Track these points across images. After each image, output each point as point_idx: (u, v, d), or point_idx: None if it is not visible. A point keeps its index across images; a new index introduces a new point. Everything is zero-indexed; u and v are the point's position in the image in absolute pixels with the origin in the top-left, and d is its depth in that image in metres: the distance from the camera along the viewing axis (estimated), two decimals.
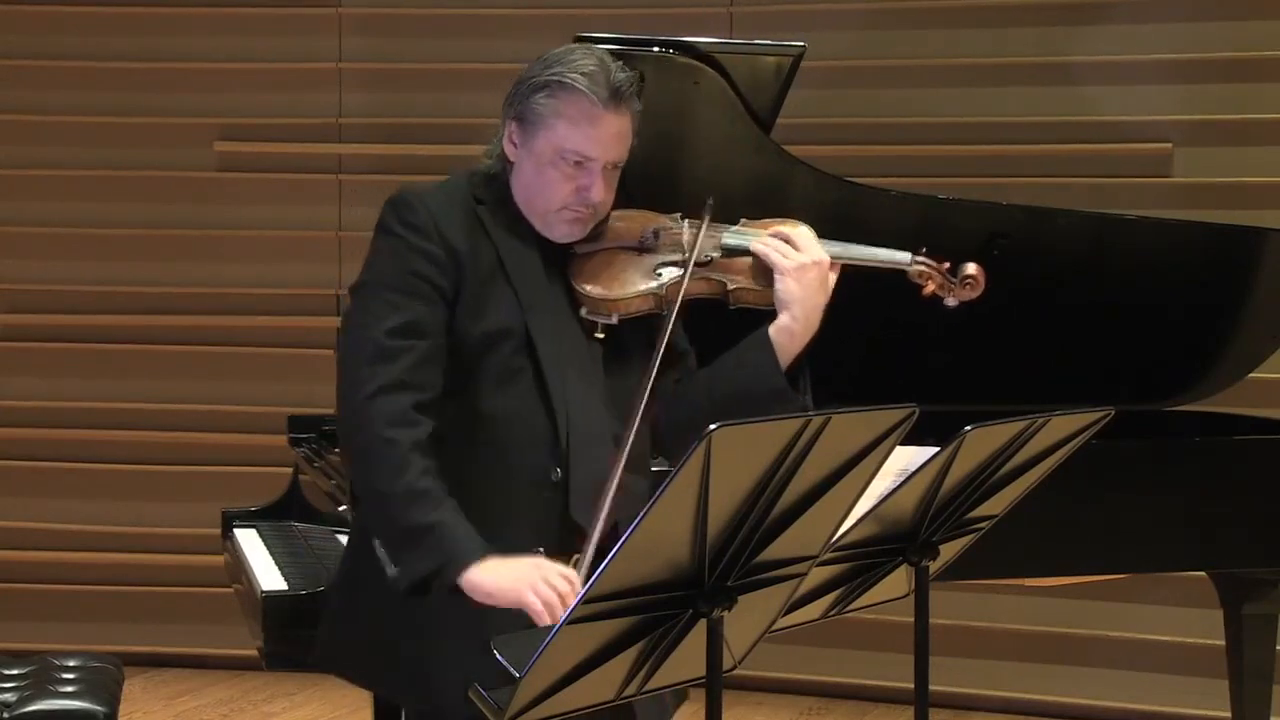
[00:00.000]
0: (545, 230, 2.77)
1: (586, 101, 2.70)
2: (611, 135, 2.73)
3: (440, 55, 6.04)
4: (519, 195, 2.78)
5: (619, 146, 2.75)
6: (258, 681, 5.84)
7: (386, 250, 2.73)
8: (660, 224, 2.84)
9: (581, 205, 2.74)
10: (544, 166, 2.73)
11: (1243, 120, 5.53)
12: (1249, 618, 3.90)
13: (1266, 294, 4.14)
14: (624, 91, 2.73)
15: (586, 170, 2.72)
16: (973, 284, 2.95)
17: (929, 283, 2.93)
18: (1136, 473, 3.75)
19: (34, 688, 3.75)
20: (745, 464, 2.07)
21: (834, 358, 2.89)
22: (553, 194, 2.74)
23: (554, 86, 2.72)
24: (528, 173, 2.76)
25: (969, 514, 2.69)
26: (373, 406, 2.62)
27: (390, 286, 2.69)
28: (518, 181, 2.78)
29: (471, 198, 2.78)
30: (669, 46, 3.31)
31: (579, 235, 2.78)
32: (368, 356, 2.65)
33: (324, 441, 3.97)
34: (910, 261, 2.93)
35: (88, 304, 6.18)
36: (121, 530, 6.13)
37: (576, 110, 2.71)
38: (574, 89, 2.71)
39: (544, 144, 2.73)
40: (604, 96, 2.71)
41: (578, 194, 2.73)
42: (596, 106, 2.71)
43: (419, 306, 2.68)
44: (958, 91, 5.78)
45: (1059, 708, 5.60)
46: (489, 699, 2.15)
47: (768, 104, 3.57)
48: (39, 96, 6.20)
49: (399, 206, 2.75)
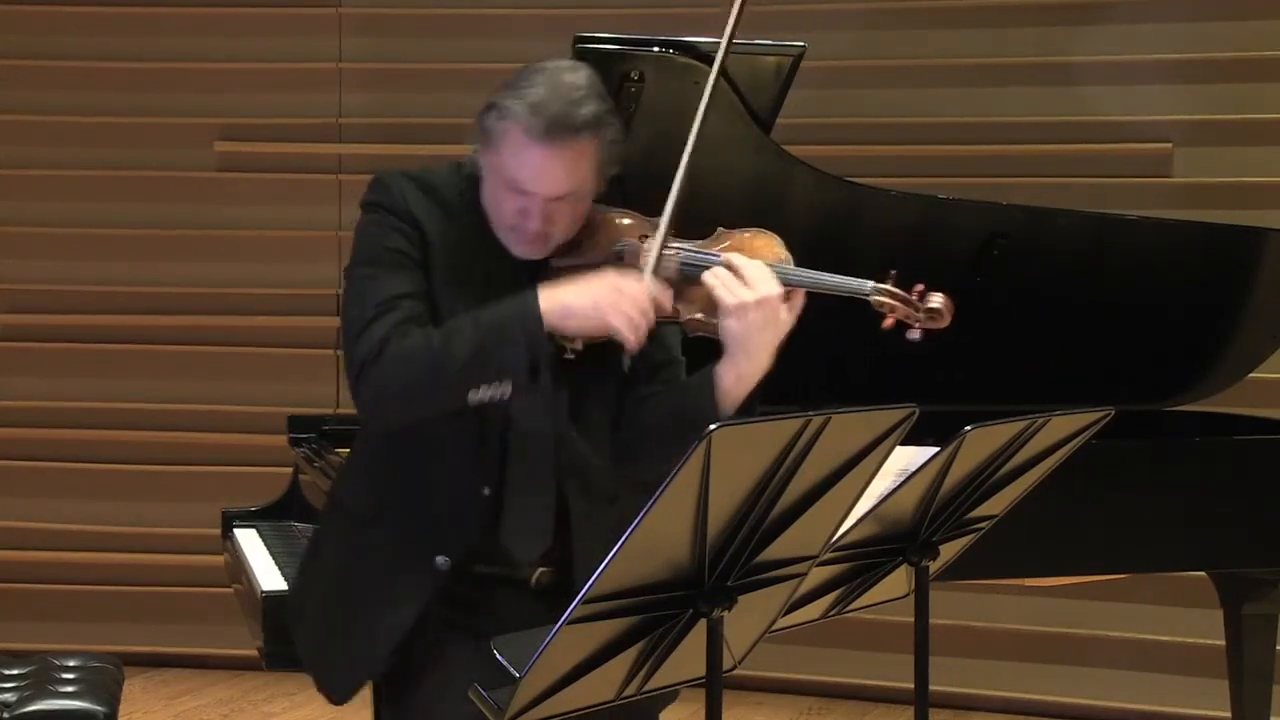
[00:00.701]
0: (506, 244, 2.71)
1: (520, 132, 2.60)
2: (545, 171, 2.61)
3: (440, 55, 6.04)
4: (484, 203, 2.73)
5: (559, 182, 2.62)
6: (258, 681, 5.84)
7: (363, 230, 2.74)
8: (628, 240, 2.74)
9: (527, 229, 2.67)
10: (496, 185, 2.68)
11: (1243, 120, 5.53)
12: (1249, 618, 3.90)
13: (1266, 294, 4.14)
14: (569, 125, 2.59)
15: (529, 198, 2.64)
16: (938, 316, 2.72)
17: (890, 314, 2.71)
18: (1136, 473, 3.75)
19: (34, 688, 3.74)
20: (745, 464, 2.07)
21: (834, 358, 2.88)
22: (501, 212, 2.68)
23: (500, 110, 2.63)
24: (487, 185, 2.71)
25: (969, 514, 2.69)
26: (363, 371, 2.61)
27: (369, 262, 2.69)
28: (483, 190, 2.73)
29: (457, 188, 2.75)
30: (669, 46, 3.31)
31: (537, 255, 2.71)
32: (356, 333, 2.64)
33: (324, 441, 3.97)
34: (871, 291, 2.70)
35: (88, 304, 6.18)
36: (121, 530, 6.13)
37: (513, 141, 2.62)
38: (513, 118, 2.61)
39: (492, 164, 2.67)
40: (538, 131, 2.59)
41: (522, 218, 2.66)
42: (530, 142, 2.60)
43: (398, 278, 2.67)
44: (958, 91, 5.78)
45: (1059, 708, 5.59)
46: (489, 699, 2.15)
47: (768, 104, 3.57)
48: (39, 96, 6.20)
49: (374, 186, 2.75)
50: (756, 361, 2.63)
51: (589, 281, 2.60)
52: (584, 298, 2.58)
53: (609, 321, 2.56)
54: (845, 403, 2.26)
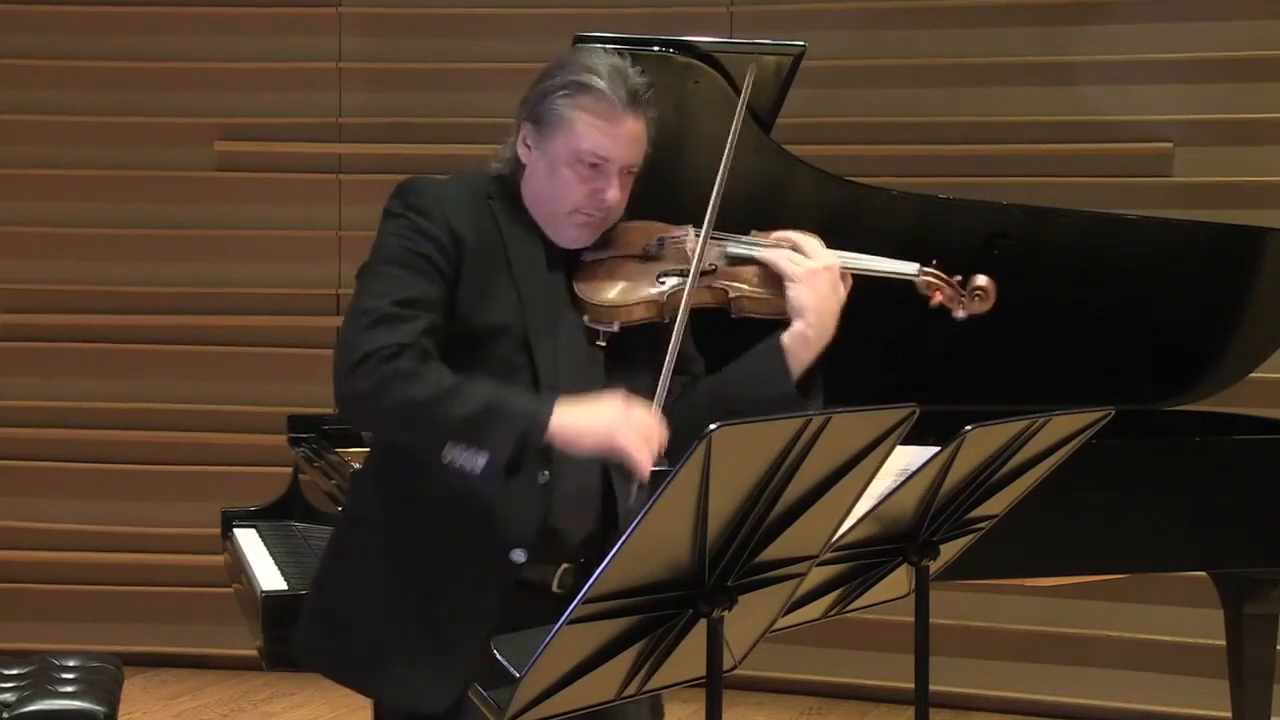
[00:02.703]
0: (554, 234, 2.76)
1: (605, 103, 2.70)
2: (629, 137, 2.72)
3: (440, 55, 6.04)
4: (530, 198, 2.77)
5: (635, 150, 2.74)
6: (258, 681, 5.84)
7: (390, 232, 2.72)
8: (667, 234, 2.83)
9: (594, 209, 2.73)
10: (559, 168, 2.72)
11: (1243, 120, 5.54)
12: (1249, 618, 3.90)
13: (1266, 294, 4.14)
14: (641, 95, 2.73)
15: (602, 173, 2.71)
16: (983, 295, 2.91)
17: (937, 294, 2.90)
18: (1137, 473, 3.75)
19: (34, 688, 3.75)
20: (745, 464, 2.07)
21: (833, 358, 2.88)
22: (566, 196, 2.73)
23: (573, 87, 2.71)
24: (541, 174, 2.75)
25: (969, 514, 2.69)
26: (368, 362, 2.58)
27: (393, 263, 2.68)
28: (530, 184, 2.77)
29: (484, 193, 2.78)
30: (669, 46, 3.31)
31: (588, 241, 2.78)
32: (369, 323, 2.62)
33: (324, 441, 3.97)
34: (918, 272, 2.90)
35: (88, 304, 6.18)
36: (121, 530, 6.14)
37: (595, 111, 2.70)
38: (593, 90, 2.70)
39: (560, 145, 2.71)
40: (623, 98, 2.70)
41: (592, 196, 2.72)
42: (615, 108, 2.70)
43: (422, 283, 2.66)
44: (958, 91, 5.79)
45: (1059, 708, 5.60)
46: (489, 699, 2.15)
47: (768, 104, 3.57)
48: (39, 96, 6.20)
49: (406, 191, 2.74)
50: (824, 327, 2.74)
51: (604, 405, 2.60)
52: (598, 419, 2.58)
53: (617, 442, 2.56)
54: (846, 403, 2.26)
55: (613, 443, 2.56)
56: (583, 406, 2.60)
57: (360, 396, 2.62)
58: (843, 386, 3.07)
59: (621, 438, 2.55)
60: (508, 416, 2.58)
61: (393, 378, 2.58)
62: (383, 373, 2.58)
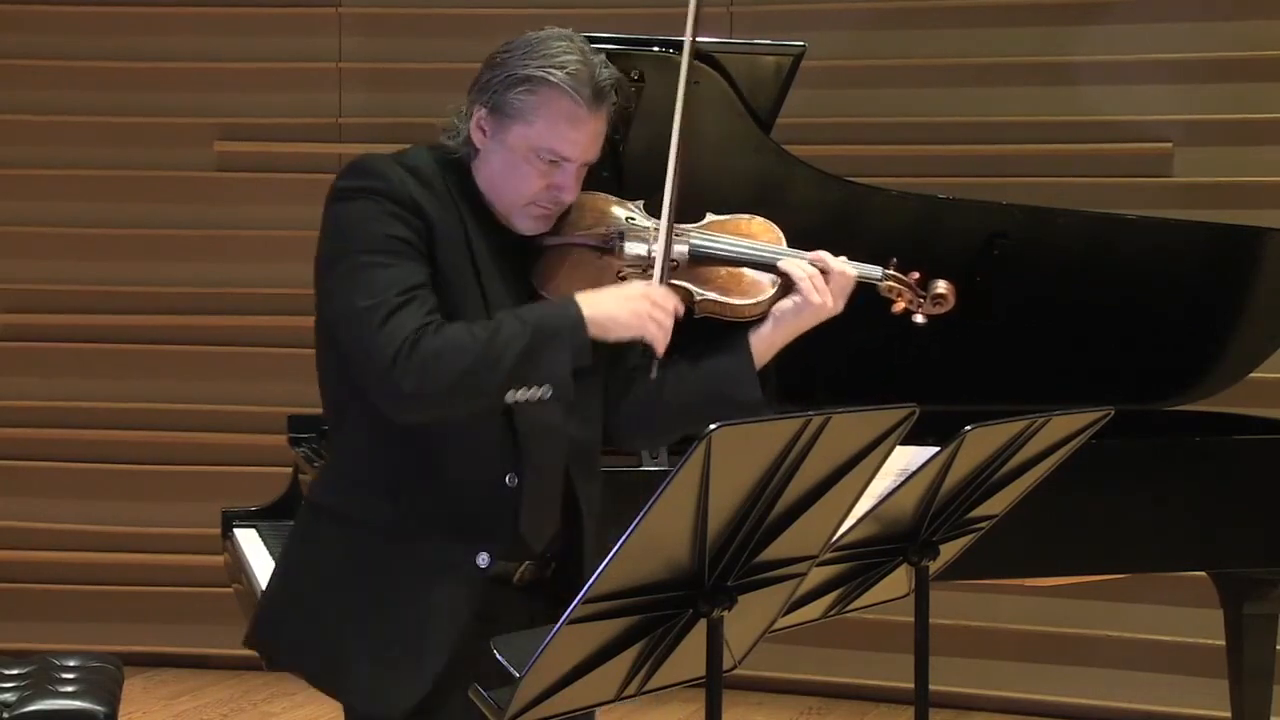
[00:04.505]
0: (509, 222, 2.69)
1: (569, 101, 2.62)
2: (590, 137, 2.65)
3: (440, 55, 6.04)
4: (484, 183, 2.70)
5: (595, 147, 2.67)
6: (258, 681, 5.84)
7: (357, 216, 2.62)
8: (623, 225, 2.75)
9: (550, 202, 2.67)
10: (516, 161, 2.65)
11: (1243, 120, 5.54)
12: (1249, 618, 3.90)
13: (1266, 294, 4.14)
14: (605, 91, 2.65)
15: (561, 169, 2.65)
16: (942, 301, 2.87)
17: (899, 299, 2.86)
18: (1137, 473, 3.75)
19: (34, 688, 3.75)
20: (745, 464, 2.07)
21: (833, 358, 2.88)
22: (522, 188, 2.66)
23: (535, 82, 2.63)
24: (496, 164, 2.68)
25: (969, 514, 2.69)
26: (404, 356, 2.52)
27: (374, 249, 2.58)
28: (484, 169, 2.70)
29: (439, 173, 2.70)
30: (669, 46, 3.31)
31: (544, 229, 2.71)
32: (382, 319, 2.54)
33: (324, 441, 3.97)
34: (881, 276, 2.85)
35: (88, 304, 6.18)
36: (121, 530, 6.14)
37: (557, 110, 2.62)
38: (557, 88, 2.62)
39: (518, 139, 2.65)
40: (587, 97, 2.63)
41: (548, 191, 2.66)
42: (580, 108, 2.63)
43: (411, 268, 2.58)
44: (958, 91, 5.79)
45: (1059, 708, 5.60)
46: (489, 699, 2.15)
47: (768, 104, 3.56)
48: (39, 96, 6.20)
49: (364, 174, 2.65)
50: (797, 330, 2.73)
51: (623, 291, 2.61)
52: (624, 308, 2.59)
53: (647, 330, 2.59)
54: (846, 402, 2.26)
55: (642, 328, 2.59)
56: (605, 296, 2.60)
57: (410, 397, 2.54)
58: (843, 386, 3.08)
59: (648, 324, 2.58)
60: (553, 342, 2.55)
61: (429, 362, 2.52)
62: (415, 363, 2.51)
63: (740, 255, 2.77)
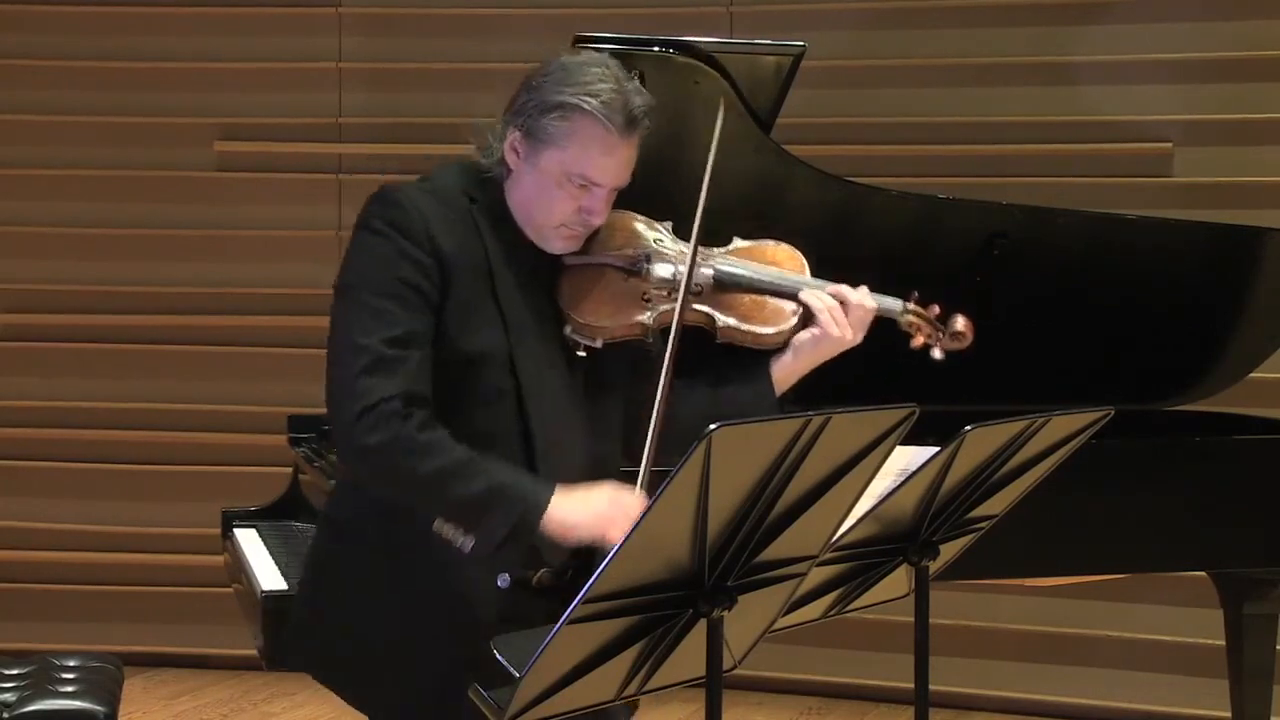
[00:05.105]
0: (540, 242, 2.74)
1: (601, 129, 2.66)
2: (622, 163, 2.70)
3: (440, 55, 6.04)
4: (515, 204, 2.75)
5: (626, 172, 2.72)
6: (258, 681, 5.84)
7: (373, 251, 2.67)
8: (651, 246, 2.80)
9: (579, 224, 2.72)
10: (548, 185, 2.69)
11: (1243, 120, 5.53)
12: (1249, 618, 3.90)
13: (1266, 294, 4.14)
14: (638, 118, 2.69)
15: (591, 194, 2.69)
16: (960, 338, 2.97)
17: (918, 334, 2.94)
18: (1137, 473, 3.75)
19: (34, 688, 3.75)
20: (745, 464, 2.07)
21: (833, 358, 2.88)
22: (553, 210, 2.71)
23: (569, 109, 2.66)
24: (528, 185, 2.72)
25: (969, 514, 2.69)
26: (376, 414, 2.57)
27: (380, 292, 2.63)
28: (516, 191, 2.74)
29: (464, 195, 2.74)
30: (669, 46, 3.31)
31: (572, 249, 2.76)
32: (365, 366, 2.59)
33: (324, 441, 3.97)
34: (901, 310, 2.94)
35: (88, 304, 6.18)
36: (121, 530, 6.14)
37: (589, 137, 2.66)
38: (590, 115, 2.65)
39: (551, 163, 2.69)
40: (620, 125, 2.67)
41: (579, 214, 2.71)
42: (612, 135, 2.66)
43: (410, 316, 2.62)
44: (957, 91, 5.78)
45: (1059, 708, 5.60)
46: (489, 699, 2.15)
47: (768, 104, 3.56)
48: (38, 96, 6.20)
49: (388, 205, 2.69)
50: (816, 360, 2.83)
51: (598, 499, 2.59)
52: (589, 516, 2.57)
53: (608, 536, 2.55)
54: (846, 402, 2.26)
55: (607, 538, 2.54)
56: (578, 501, 2.58)
57: (369, 453, 2.59)
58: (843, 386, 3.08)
59: (615, 532, 2.52)
60: (502, 512, 2.56)
61: (404, 444, 2.57)
62: (393, 433, 2.57)
63: (763, 283, 2.83)
